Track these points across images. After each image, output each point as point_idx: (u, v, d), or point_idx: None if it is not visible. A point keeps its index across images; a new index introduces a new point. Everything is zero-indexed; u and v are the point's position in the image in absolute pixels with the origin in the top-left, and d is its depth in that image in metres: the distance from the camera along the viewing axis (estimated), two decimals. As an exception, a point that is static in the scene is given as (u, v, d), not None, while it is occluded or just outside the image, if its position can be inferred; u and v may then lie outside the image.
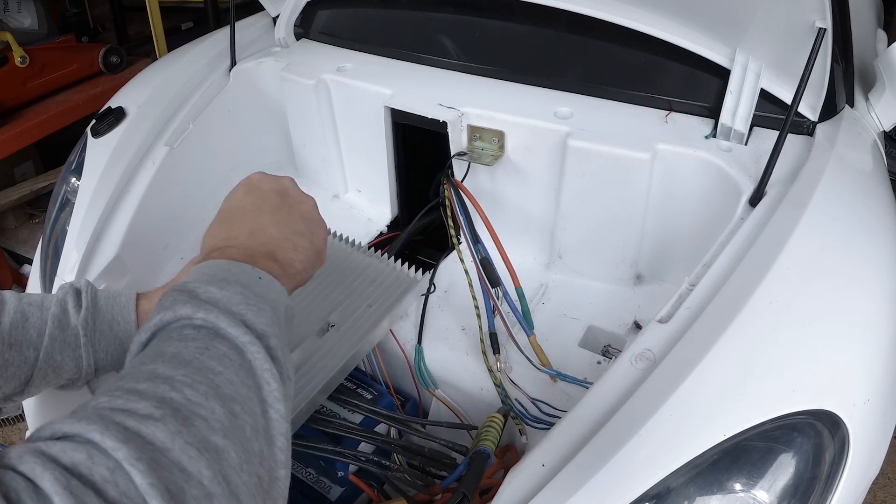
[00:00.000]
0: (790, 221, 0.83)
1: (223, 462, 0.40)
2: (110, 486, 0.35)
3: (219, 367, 0.45)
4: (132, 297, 0.77)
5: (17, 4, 2.42)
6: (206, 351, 0.46)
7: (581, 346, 1.02)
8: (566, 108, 1.10)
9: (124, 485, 0.35)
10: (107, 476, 0.35)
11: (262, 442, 0.44)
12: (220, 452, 0.40)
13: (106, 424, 0.37)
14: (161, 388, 0.42)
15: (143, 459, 0.36)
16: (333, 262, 1.03)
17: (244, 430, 0.42)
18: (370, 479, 0.86)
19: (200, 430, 0.40)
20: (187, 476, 0.37)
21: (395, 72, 1.27)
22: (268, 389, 0.46)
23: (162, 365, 0.44)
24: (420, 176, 1.26)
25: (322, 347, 0.89)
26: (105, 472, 0.35)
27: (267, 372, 0.47)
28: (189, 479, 0.37)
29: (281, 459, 0.45)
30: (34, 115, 2.31)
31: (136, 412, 0.39)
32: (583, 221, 1.11)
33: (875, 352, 0.74)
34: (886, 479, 1.59)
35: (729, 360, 0.69)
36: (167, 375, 0.43)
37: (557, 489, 0.63)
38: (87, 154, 1.24)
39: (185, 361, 0.44)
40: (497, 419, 0.81)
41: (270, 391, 0.46)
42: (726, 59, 1.05)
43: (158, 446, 0.38)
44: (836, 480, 0.68)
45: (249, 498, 0.40)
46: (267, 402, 0.46)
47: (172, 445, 0.38)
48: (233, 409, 0.43)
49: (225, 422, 0.42)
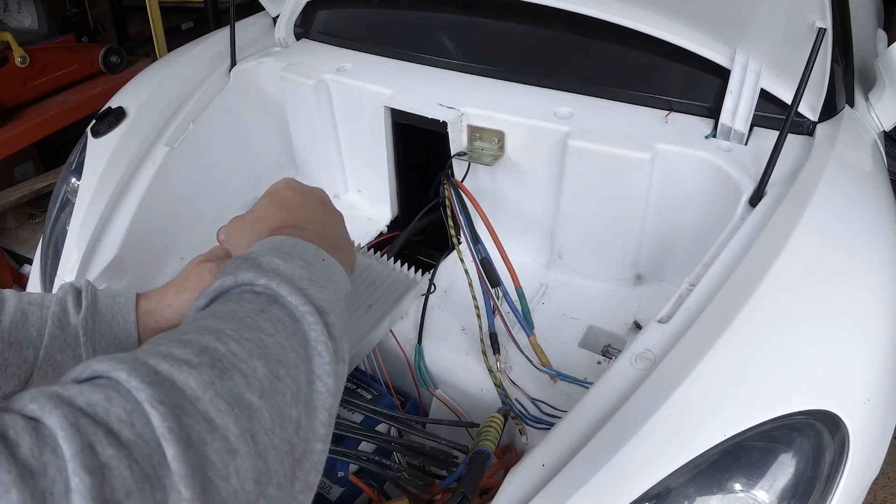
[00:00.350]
0: (790, 221, 0.83)
1: (254, 421, 0.38)
2: (125, 427, 0.33)
3: (272, 328, 0.44)
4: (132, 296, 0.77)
5: (17, 4, 2.41)
6: (262, 313, 0.45)
7: (581, 346, 1.02)
8: (566, 108, 1.10)
9: (140, 426, 0.33)
10: (122, 416, 0.33)
11: (302, 410, 0.42)
12: (253, 411, 0.38)
13: (136, 366, 0.36)
14: (207, 338, 0.40)
15: (167, 403, 0.35)
16: (333, 262, 1.03)
17: (284, 395, 0.41)
18: (370, 479, 0.86)
19: (237, 384, 0.38)
20: (213, 428, 0.36)
21: (395, 72, 1.27)
22: (319, 361, 0.45)
23: (213, 320, 0.43)
24: (420, 176, 1.26)
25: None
26: (122, 412, 0.33)
27: (321, 345, 0.45)
28: (214, 431, 0.36)
29: (320, 433, 0.43)
30: (34, 115, 2.31)
31: (173, 356, 0.38)
32: (583, 221, 1.11)
33: (875, 352, 0.74)
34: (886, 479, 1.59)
35: (729, 360, 0.69)
36: (216, 328, 0.41)
37: (557, 489, 0.63)
38: (87, 154, 1.24)
39: (237, 318, 0.43)
40: (497, 419, 0.81)
41: (322, 363, 0.45)
42: (726, 59, 1.05)
43: (188, 394, 0.36)
44: (836, 480, 0.68)
45: (278, 463, 0.38)
46: (316, 373, 0.44)
47: (203, 395, 0.36)
48: (276, 372, 0.41)
49: (265, 382, 0.40)
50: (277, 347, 0.42)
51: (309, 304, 0.46)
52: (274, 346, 0.42)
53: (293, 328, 0.45)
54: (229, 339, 0.41)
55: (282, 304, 0.46)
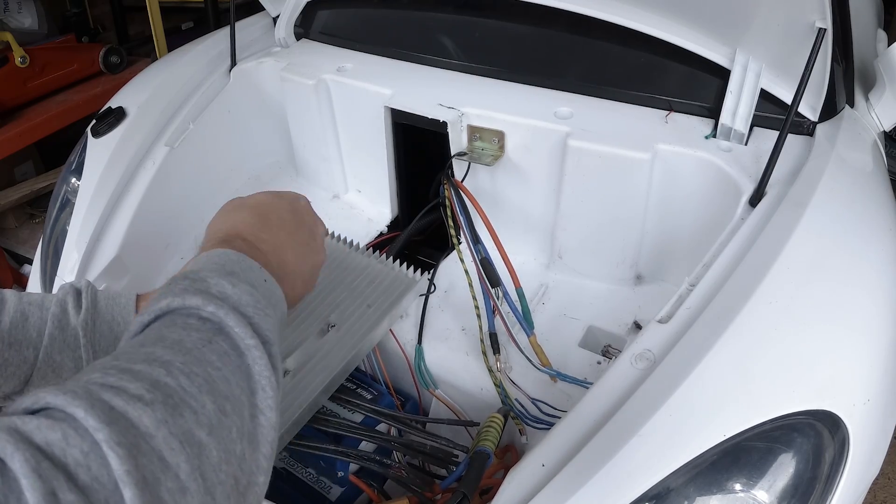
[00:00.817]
0: (790, 222, 0.83)
1: (203, 458, 0.39)
2: (82, 471, 0.34)
3: (218, 362, 0.45)
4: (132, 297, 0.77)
5: (17, 4, 2.41)
6: (209, 344, 0.46)
7: (581, 346, 1.02)
8: (566, 108, 1.10)
9: (97, 469, 0.34)
10: (80, 459, 0.34)
11: (246, 445, 0.43)
12: (202, 448, 0.39)
13: (92, 402, 0.36)
14: (157, 371, 0.41)
15: (124, 444, 0.35)
16: (333, 262, 1.03)
17: (230, 431, 0.42)
18: (370, 479, 0.86)
19: (187, 422, 0.40)
20: (165, 467, 0.37)
21: (395, 72, 1.27)
22: (262, 396, 0.46)
23: (162, 349, 0.44)
24: (420, 176, 1.26)
25: (322, 348, 0.89)
26: (79, 454, 0.34)
27: (265, 379, 0.46)
28: (167, 470, 0.37)
29: (263, 466, 0.45)
30: (34, 115, 2.31)
31: (126, 391, 0.38)
32: (583, 221, 1.11)
33: (875, 352, 0.74)
34: (886, 479, 1.59)
35: (729, 360, 0.69)
36: (166, 360, 0.42)
37: (557, 489, 0.63)
38: (87, 154, 1.24)
39: (185, 350, 0.44)
40: (497, 419, 0.81)
41: (265, 398, 0.46)
42: (726, 59, 1.05)
43: (142, 431, 0.37)
44: (836, 480, 0.68)
45: (224, 498, 0.40)
46: (259, 407, 0.46)
47: (156, 433, 0.37)
48: (223, 408, 0.42)
49: (213, 419, 0.41)
50: (224, 382, 0.44)
51: (255, 336, 0.47)
52: (221, 380, 0.44)
53: (238, 362, 0.46)
54: (179, 374, 0.42)
55: (227, 334, 0.47)
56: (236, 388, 0.44)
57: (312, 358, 0.87)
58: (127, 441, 0.36)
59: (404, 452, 0.86)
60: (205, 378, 0.43)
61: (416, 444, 0.85)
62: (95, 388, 0.38)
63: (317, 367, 0.86)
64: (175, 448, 0.38)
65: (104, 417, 0.36)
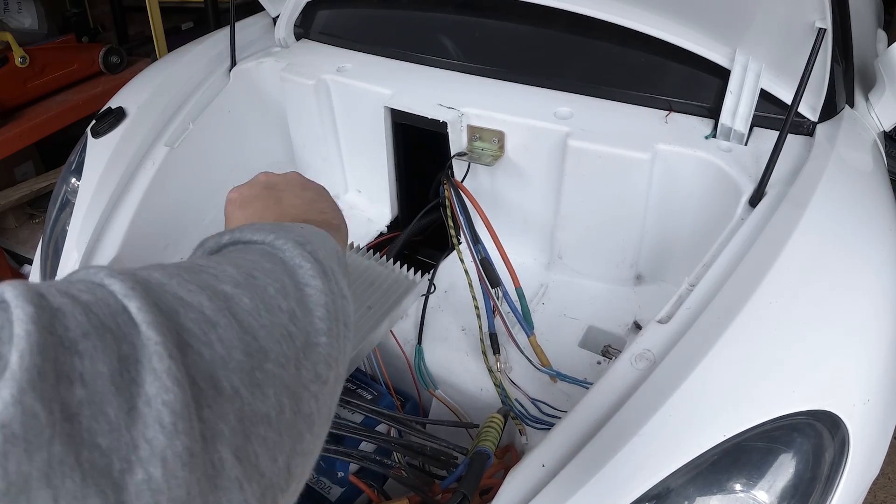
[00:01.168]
0: (790, 222, 0.83)
1: (231, 303, 0.34)
2: (84, 293, 0.30)
3: (238, 253, 0.41)
4: None
5: (17, 4, 2.41)
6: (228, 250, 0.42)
7: (581, 346, 1.02)
8: (566, 109, 1.10)
9: (102, 294, 0.30)
10: (82, 289, 0.30)
11: (294, 304, 0.38)
12: (229, 297, 0.34)
13: (100, 268, 0.33)
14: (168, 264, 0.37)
15: (130, 278, 0.31)
16: (333, 262, 1.03)
17: (266, 289, 0.37)
18: (370, 479, 0.86)
19: (206, 279, 0.35)
20: (185, 304, 0.32)
21: (395, 72, 1.27)
22: (301, 272, 0.40)
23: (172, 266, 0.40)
24: (420, 176, 1.26)
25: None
26: (81, 287, 0.30)
27: (299, 258, 0.41)
28: (187, 305, 0.32)
29: (321, 327, 0.39)
30: (34, 115, 2.31)
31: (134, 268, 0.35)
32: (583, 221, 1.11)
33: (875, 352, 0.74)
34: (886, 479, 1.59)
35: (729, 360, 0.69)
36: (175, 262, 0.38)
37: (557, 489, 0.63)
38: (87, 154, 1.24)
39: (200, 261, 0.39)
40: (497, 419, 0.81)
41: (304, 273, 0.40)
42: (726, 59, 1.05)
43: (153, 282, 0.32)
44: (836, 480, 0.68)
45: (272, 342, 0.34)
46: (301, 281, 0.40)
47: (169, 281, 0.33)
48: (251, 273, 0.37)
49: (238, 278, 0.36)
50: (248, 262, 0.39)
51: (280, 237, 0.43)
52: (244, 261, 0.39)
53: (263, 249, 0.42)
54: (194, 261, 0.38)
55: (248, 241, 0.44)
56: (266, 263, 0.40)
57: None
58: (134, 280, 0.31)
59: (404, 453, 0.86)
60: (224, 258, 0.39)
61: (415, 445, 0.85)
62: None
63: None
64: (193, 290, 0.33)
65: (112, 273, 0.32)
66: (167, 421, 0.27)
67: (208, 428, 0.29)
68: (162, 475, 0.26)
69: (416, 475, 0.84)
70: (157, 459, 0.26)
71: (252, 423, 0.31)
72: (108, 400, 0.26)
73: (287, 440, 0.33)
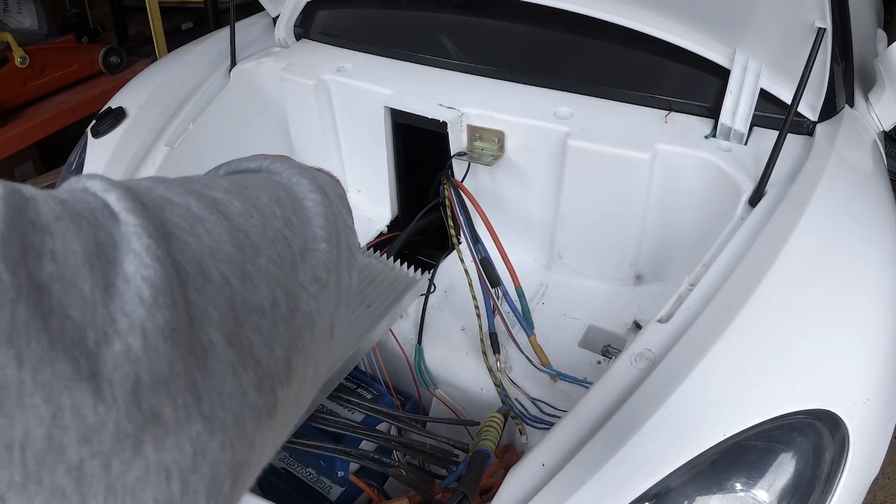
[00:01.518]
0: (790, 221, 0.83)
1: (220, 205, 0.32)
2: (63, 192, 0.28)
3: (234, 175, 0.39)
4: None
5: (17, 4, 2.41)
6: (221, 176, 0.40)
7: (581, 346, 1.02)
8: (566, 108, 1.10)
9: (81, 193, 0.28)
10: (62, 190, 0.28)
11: (289, 211, 0.36)
12: (217, 200, 0.32)
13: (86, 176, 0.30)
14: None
15: (112, 181, 0.29)
16: (333, 262, 1.03)
17: (258, 197, 0.35)
18: (370, 478, 0.86)
19: (195, 186, 0.33)
20: (171, 203, 0.30)
21: (395, 72, 1.27)
22: (299, 189, 0.39)
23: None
24: (420, 176, 1.26)
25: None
26: (62, 189, 0.28)
27: (297, 175, 0.39)
28: (171, 204, 0.30)
29: (320, 234, 0.37)
30: (34, 116, 2.31)
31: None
32: (583, 221, 1.11)
33: (875, 351, 0.74)
34: (886, 479, 1.58)
35: (729, 359, 0.69)
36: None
37: (557, 489, 0.63)
38: (87, 154, 1.24)
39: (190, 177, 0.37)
40: (497, 419, 0.81)
41: (303, 188, 0.39)
42: (726, 58, 1.05)
43: (139, 187, 0.30)
44: (835, 480, 0.68)
45: (265, 241, 0.33)
46: (299, 197, 0.38)
47: (156, 187, 0.31)
48: (241, 182, 0.36)
49: (227, 186, 0.34)
50: (242, 178, 0.38)
51: (283, 166, 0.41)
52: (237, 178, 0.38)
53: (262, 175, 0.40)
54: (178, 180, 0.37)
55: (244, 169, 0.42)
56: (260, 180, 0.38)
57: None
58: (118, 183, 0.29)
59: (404, 452, 0.86)
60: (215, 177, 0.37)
61: (416, 444, 0.85)
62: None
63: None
64: (180, 192, 0.31)
65: (92, 177, 0.30)
66: (147, 295, 0.25)
67: (195, 309, 0.27)
68: (142, 347, 0.25)
69: (417, 474, 0.84)
70: (137, 331, 0.25)
71: (244, 311, 0.30)
72: (82, 276, 0.25)
73: (284, 334, 0.32)
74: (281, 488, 0.90)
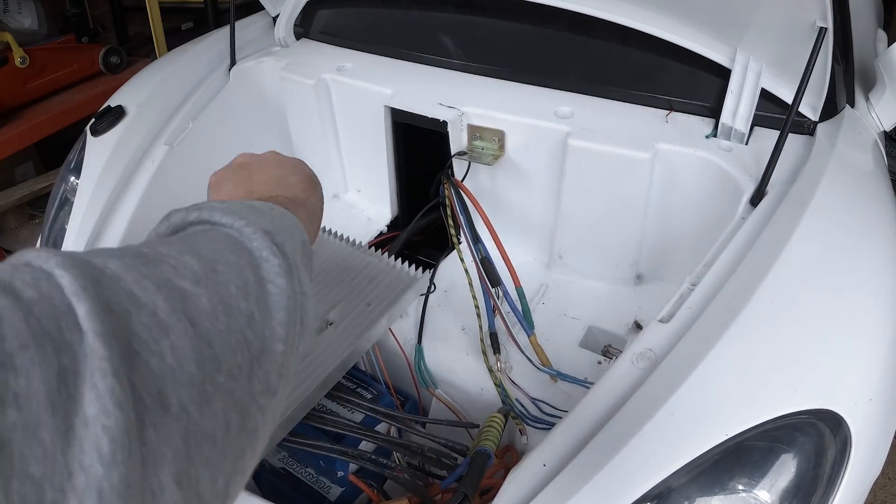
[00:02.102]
0: (791, 221, 0.83)
1: (189, 303, 0.32)
2: (29, 288, 0.28)
3: (204, 238, 0.39)
4: None
5: (17, 4, 2.41)
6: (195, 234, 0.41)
7: (581, 346, 1.02)
8: (566, 108, 1.10)
9: (48, 290, 0.28)
10: (27, 280, 0.28)
11: (254, 306, 0.36)
12: (187, 295, 0.32)
13: (51, 252, 0.31)
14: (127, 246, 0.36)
15: (81, 274, 0.29)
16: (332, 260, 1.03)
17: (227, 287, 0.35)
18: (370, 478, 0.86)
19: (165, 272, 0.33)
20: (137, 303, 0.30)
21: (395, 71, 1.27)
22: (267, 266, 0.39)
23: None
24: (420, 176, 1.26)
25: (320, 345, 0.89)
26: (27, 277, 0.28)
27: (266, 251, 0.39)
28: (140, 306, 0.30)
29: (279, 333, 0.37)
30: (34, 116, 2.31)
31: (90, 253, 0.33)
32: (583, 221, 1.11)
33: (877, 351, 0.73)
34: (887, 479, 1.58)
35: (730, 359, 0.69)
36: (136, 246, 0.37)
37: (558, 489, 0.62)
38: (86, 153, 1.23)
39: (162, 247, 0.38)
40: (497, 419, 0.81)
41: (270, 267, 0.39)
42: (727, 58, 1.05)
43: (108, 273, 0.30)
44: (838, 480, 0.68)
45: (227, 351, 0.33)
46: (265, 277, 0.38)
47: (125, 276, 0.31)
48: (213, 267, 0.36)
49: (199, 273, 0.34)
50: (212, 252, 0.38)
51: (249, 225, 0.41)
52: (208, 250, 0.38)
53: (229, 238, 0.40)
54: (155, 245, 0.36)
55: (215, 223, 0.42)
56: (230, 255, 0.38)
57: (309, 355, 0.87)
58: (86, 273, 0.29)
59: (404, 452, 0.86)
60: (185, 244, 0.37)
61: (416, 445, 0.84)
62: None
63: (314, 364, 0.86)
64: (149, 289, 0.31)
65: (58, 255, 0.30)
66: (105, 450, 0.26)
67: (150, 451, 0.27)
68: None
69: (416, 475, 0.84)
70: (93, 491, 0.25)
71: (197, 443, 0.30)
72: (43, 422, 0.25)
73: (229, 459, 0.32)
74: (280, 488, 0.90)
